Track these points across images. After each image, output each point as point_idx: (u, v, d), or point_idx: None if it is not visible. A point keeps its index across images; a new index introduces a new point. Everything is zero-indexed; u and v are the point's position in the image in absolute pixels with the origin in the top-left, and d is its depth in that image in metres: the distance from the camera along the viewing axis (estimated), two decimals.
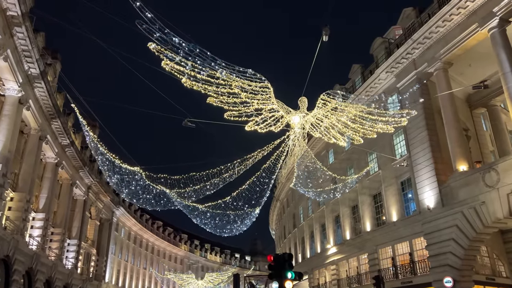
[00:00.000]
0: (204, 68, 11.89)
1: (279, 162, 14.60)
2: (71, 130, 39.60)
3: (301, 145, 14.11)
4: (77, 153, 40.47)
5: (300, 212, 48.14)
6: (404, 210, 27.54)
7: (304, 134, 13.79)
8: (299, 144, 13.91)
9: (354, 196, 33.50)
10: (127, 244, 66.73)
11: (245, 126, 12.48)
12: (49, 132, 33.91)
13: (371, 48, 32.93)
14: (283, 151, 14.39)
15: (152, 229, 78.94)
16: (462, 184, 22.58)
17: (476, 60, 26.08)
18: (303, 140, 13.99)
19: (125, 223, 65.83)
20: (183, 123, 12.73)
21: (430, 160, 24.99)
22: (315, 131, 13.77)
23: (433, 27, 24.94)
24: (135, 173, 17.04)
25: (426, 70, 26.33)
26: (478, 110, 30.69)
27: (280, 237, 63.65)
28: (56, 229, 38.21)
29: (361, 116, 14.17)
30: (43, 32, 29.97)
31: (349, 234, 34.27)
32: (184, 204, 19.83)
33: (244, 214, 20.07)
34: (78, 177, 43.73)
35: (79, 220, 44.81)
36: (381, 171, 30.24)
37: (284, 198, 57.95)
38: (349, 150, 35.61)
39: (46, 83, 29.44)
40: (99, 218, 54.14)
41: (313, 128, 13.63)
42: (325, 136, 13.95)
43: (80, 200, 45.81)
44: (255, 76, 12.31)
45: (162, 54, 11.62)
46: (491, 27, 21.87)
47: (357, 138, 14.42)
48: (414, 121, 25.96)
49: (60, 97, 35.82)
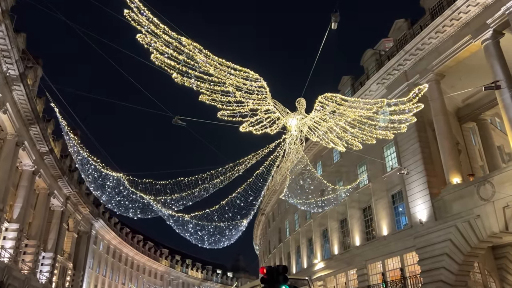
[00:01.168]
0: (196, 64, 11.07)
1: (273, 168, 13.77)
2: (51, 137, 38.03)
3: (298, 150, 13.31)
4: (56, 161, 38.79)
5: (286, 226, 47.09)
6: (395, 224, 26.87)
7: (301, 137, 13.01)
8: (296, 148, 13.09)
9: (343, 210, 32.75)
10: (105, 258, 64.32)
11: (240, 127, 11.65)
12: (27, 138, 32.36)
13: (361, 60, 32.69)
14: (278, 156, 13.57)
15: (132, 243, 76.56)
16: (455, 197, 22.08)
17: (466, 73, 25.95)
18: (300, 144, 13.22)
19: (104, 236, 63.56)
20: (173, 121, 11.82)
21: (422, 172, 24.49)
22: (312, 134, 13.01)
23: (426, 38, 24.76)
24: (118, 179, 15.93)
25: (418, 81, 26.04)
26: (468, 124, 30.56)
27: (264, 253, 62.28)
28: (31, 241, 36.26)
29: (360, 121, 13.48)
30: (24, 33, 28.73)
31: (337, 249, 33.38)
32: (168, 214, 18.73)
33: (232, 225, 19.02)
34: (56, 186, 41.91)
35: (56, 232, 42.81)
36: (371, 183, 29.65)
37: (269, 212, 56.86)
38: (338, 162, 35.05)
39: (25, 86, 28.12)
40: (77, 230, 52.04)
41: (310, 131, 12.88)
42: (323, 140, 13.20)
43: (57, 211, 43.84)
44: (250, 74, 11.54)
45: (151, 47, 10.78)
46: (484, 39, 21.75)
47: (356, 144, 13.70)
48: (405, 133, 25.36)
49: (40, 102, 34.40)
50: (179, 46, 10.88)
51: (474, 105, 29.42)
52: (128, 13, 10.34)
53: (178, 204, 14.39)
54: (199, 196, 13.82)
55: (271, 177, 14.62)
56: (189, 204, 14.24)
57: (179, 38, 10.83)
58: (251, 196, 15.70)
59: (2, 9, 21.96)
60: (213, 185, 13.53)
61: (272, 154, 13.56)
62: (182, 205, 14.26)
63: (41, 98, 34.61)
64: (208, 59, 11.19)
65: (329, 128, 12.86)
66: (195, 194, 13.67)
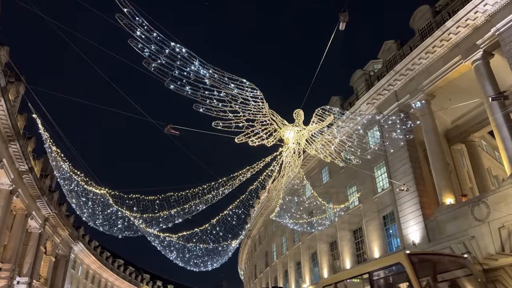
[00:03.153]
0: (190, 71, 10.54)
1: (268, 182, 13.13)
2: (31, 155, 36.59)
3: (296, 163, 12.72)
4: (36, 180, 37.23)
5: (274, 250, 45.97)
6: (387, 245, 26.24)
7: (299, 150, 12.45)
8: (294, 161, 12.51)
9: (332, 232, 32.03)
10: (84, 283, 61.54)
11: (235, 138, 11.04)
12: (6, 155, 30.97)
13: (351, 80, 32.74)
14: (274, 170, 12.94)
15: (112, 268, 73.80)
16: (449, 218, 21.65)
17: (456, 94, 26.03)
18: (297, 158, 12.64)
19: (84, 260, 61.03)
20: (165, 130, 11.12)
21: (414, 193, 24.10)
22: (310, 148, 12.48)
23: (416, 58, 24.87)
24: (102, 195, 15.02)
25: (408, 101, 26.01)
26: (456, 146, 30.55)
27: (250, 277, 60.64)
28: (5, 265, 34.27)
29: (358, 135, 13.04)
30: (7, 46, 27.92)
31: (326, 272, 32.44)
32: (154, 234, 17.75)
33: (221, 246, 18.11)
34: (35, 207, 40.12)
35: (32, 255, 40.71)
36: (361, 204, 29.12)
37: (256, 235, 55.66)
38: (327, 183, 34.54)
39: (6, 100, 27.08)
40: (55, 254, 49.77)
41: (308, 144, 12.35)
42: (321, 153, 12.67)
43: (35, 233, 41.83)
44: (247, 84, 11.05)
45: (143, 52, 10.24)
46: (474, 59, 21.87)
47: (354, 158, 13.20)
48: (396, 153, 25.29)
49: (21, 118, 33.21)
50: (173, 52, 10.40)
51: (463, 126, 29.52)
52: (120, 16, 9.87)
53: (166, 222, 13.51)
54: (189, 213, 13.02)
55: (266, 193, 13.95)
56: (178, 221, 13.38)
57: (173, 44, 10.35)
58: (243, 214, 14.94)
59: None
60: (205, 201, 12.78)
61: (268, 169, 12.93)
62: (171, 222, 13.40)
63: (22, 114, 33.46)
64: (204, 67, 10.70)
65: (327, 141, 12.35)
66: (186, 210, 12.86)
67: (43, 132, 14.73)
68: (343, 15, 8.62)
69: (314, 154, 13.03)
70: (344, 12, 8.62)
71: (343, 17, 8.66)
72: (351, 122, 12.43)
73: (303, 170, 37.87)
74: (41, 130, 14.89)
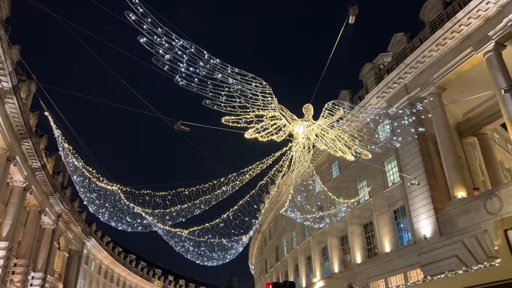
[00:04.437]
0: (200, 67, 10.58)
1: (278, 178, 13.13)
2: (43, 153, 37.07)
3: (306, 158, 12.71)
4: (48, 177, 37.73)
5: (284, 244, 46.05)
6: (398, 240, 26.15)
7: (309, 145, 12.44)
8: (303, 156, 12.50)
9: (342, 226, 31.98)
10: (97, 278, 62.38)
11: (245, 133, 11.06)
12: (19, 153, 31.43)
13: (360, 74, 32.50)
14: (283, 165, 12.95)
15: (124, 263, 74.62)
16: (461, 211, 21.47)
17: (467, 86, 25.72)
18: (307, 153, 12.63)
19: (96, 255, 61.82)
20: (176, 126, 11.18)
21: (425, 187, 23.93)
22: (320, 142, 12.44)
23: (426, 51, 24.58)
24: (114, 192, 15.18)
25: (418, 95, 25.76)
26: (468, 139, 30.20)
27: (260, 272, 60.88)
28: (20, 260, 34.84)
29: (368, 129, 12.98)
30: (18, 45, 28.22)
31: (337, 267, 32.45)
32: (166, 230, 17.90)
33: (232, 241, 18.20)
34: (48, 204, 40.71)
35: (46, 251, 41.34)
36: (372, 199, 29.00)
37: (266, 230, 55.81)
38: (337, 177, 34.44)
39: (18, 99, 27.40)
40: (68, 249, 50.50)
41: (317, 139, 12.31)
42: (331, 148, 12.63)
43: (48, 229, 42.48)
44: (255, 80, 11.05)
45: (153, 49, 10.31)
46: (486, 51, 21.55)
47: (365, 152, 13.14)
48: (407, 146, 25.14)
49: (33, 116, 33.63)
50: (181, 48, 10.44)
51: (475, 119, 29.16)
52: (129, 14, 9.94)
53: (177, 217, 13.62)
54: (199, 208, 13.10)
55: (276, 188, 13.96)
56: (188, 217, 13.48)
57: (182, 41, 10.39)
58: (253, 210, 14.99)
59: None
60: (215, 196, 12.84)
61: (278, 164, 12.93)
62: (182, 217, 13.50)
63: (34, 112, 33.88)
64: (212, 62, 10.73)
65: (337, 136, 12.31)
66: (196, 205, 12.94)
67: (55, 130, 14.93)
68: (352, 8, 8.54)
69: (324, 149, 12.99)
70: (353, 5, 8.55)
71: (353, 11, 8.57)
72: (361, 116, 12.36)
73: (313, 165, 37.88)
74: (53, 127, 15.09)
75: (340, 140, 12.43)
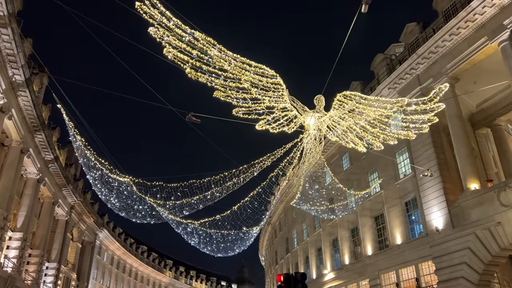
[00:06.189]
0: (210, 59, 10.53)
1: (289, 169, 13.11)
2: (56, 145, 37.51)
3: (317, 149, 12.66)
4: (61, 169, 38.22)
5: (294, 236, 46.16)
6: (409, 232, 26.00)
7: (320, 137, 12.37)
8: (315, 147, 12.45)
9: (353, 218, 31.90)
10: (109, 269, 63.37)
11: (256, 125, 11.04)
12: (32, 145, 31.86)
13: (371, 65, 32.15)
14: (294, 157, 12.92)
15: (136, 254, 75.59)
16: (474, 203, 21.24)
17: (481, 76, 25.28)
18: (318, 144, 12.57)
19: (109, 246, 62.71)
20: (187, 118, 11.22)
21: (438, 178, 23.70)
22: (331, 134, 12.38)
23: (440, 41, 24.18)
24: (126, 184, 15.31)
25: (431, 85, 25.39)
26: (481, 130, 29.73)
27: (271, 263, 61.19)
28: (34, 251, 35.53)
29: (380, 120, 12.84)
30: (30, 38, 28.43)
31: (348, 259, 32.44)
32: (176, 221, 18.03)
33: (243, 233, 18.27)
34: (61, 195, 41.29)
35: (60, 242, 42.05)
36: (383, 191, 28.84)
37: (276, 222, 55.95)
38: (348, 169, 34.30)
39: (31, 92, 27.70)
40: (81, 240, 51.30)
41: (329, 130, 12.24)
42: (342, 140, 12.56)
43: (61, 220, 43.16)
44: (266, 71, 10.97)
45: (164, 40, 10.27)
46: (501, 40, 21.12)
47: (377, 144, 13.03)
48: (419, 138, 24.69)
49: (46, 109, 33.99)
50: (192, 40, 10.39)
51: (488, 110, 28.67)
52: (140, 6, 9.92)
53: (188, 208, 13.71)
54: (211, 199, 13.17)
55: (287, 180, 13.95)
56: (199, 208, 13.56)
57: (193, 32, 10.34)
58: (264, 201, 15.00)
59: (8, 12, 21.61)
60: (226, 188, 12.88)
61: (288, 155, 12.90)
62: (193, 209, 13.59)
63: (47, 105, 34.25)
64: (222, 54, 10.67)
65: (349, 127, 12.21)
66: (208, 197, 13.00)
67: (67, 122, 15.06)
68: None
69: (336, 141, 12.91)
70: None
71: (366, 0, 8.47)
72: (373, 107, 12.22)
73: (324, 157, 37.77)
74: (66, 119, 15.22)
75: (352, 132, 12.34)
